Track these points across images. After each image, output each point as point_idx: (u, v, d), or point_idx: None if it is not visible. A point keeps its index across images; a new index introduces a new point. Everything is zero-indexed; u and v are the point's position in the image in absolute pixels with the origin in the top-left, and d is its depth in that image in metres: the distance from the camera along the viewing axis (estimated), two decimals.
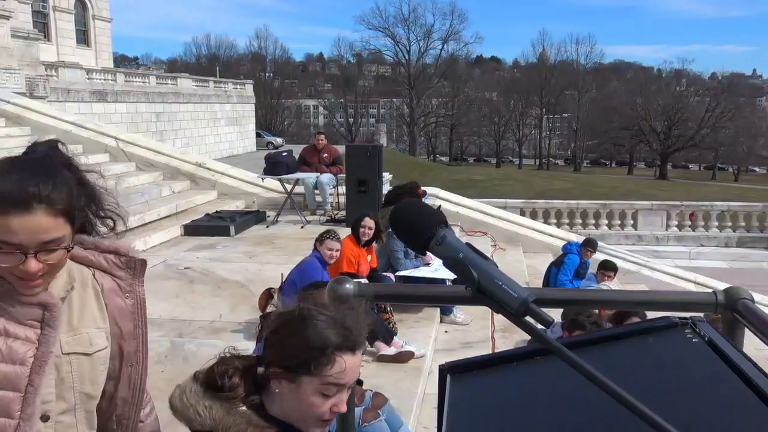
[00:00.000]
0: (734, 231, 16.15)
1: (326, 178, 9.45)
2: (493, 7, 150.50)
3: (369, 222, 5.68)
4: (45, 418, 1.23)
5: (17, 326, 1.20)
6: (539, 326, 0.80)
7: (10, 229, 1.10)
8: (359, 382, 3.55)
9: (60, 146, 1.28)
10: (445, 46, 69.81)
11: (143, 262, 1.40)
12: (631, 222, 16.38)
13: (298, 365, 1.29)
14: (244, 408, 1.33)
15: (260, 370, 1.37)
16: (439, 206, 8.68)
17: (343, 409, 1.33)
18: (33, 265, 1.13)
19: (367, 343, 1.41)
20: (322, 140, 9.84)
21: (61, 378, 1.25)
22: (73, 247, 1.20)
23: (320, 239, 5.01)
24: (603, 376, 0.70)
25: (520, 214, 13.03)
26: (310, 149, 9.89)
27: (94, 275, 1.33)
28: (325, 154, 9.71)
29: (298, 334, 1.31)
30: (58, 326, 1.23)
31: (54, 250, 1.15)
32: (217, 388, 1.34)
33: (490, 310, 0.82)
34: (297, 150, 10.59)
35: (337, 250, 5.04)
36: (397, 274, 5.92)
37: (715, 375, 0.91)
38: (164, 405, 1.41)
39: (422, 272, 5.91)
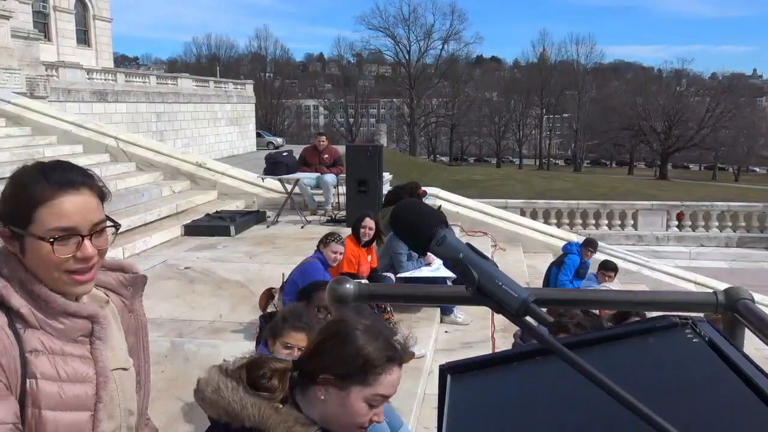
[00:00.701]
0: (734, 231, 16.15)
1: (330, 177, 9.44)
2: (493, 7, 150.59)
3: (369, 222, 5.68)
4: None
5: (70, 344, 1.19)
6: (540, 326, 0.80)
7: (64, 212, 1.13)
8: None
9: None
10: (445, 46, 69.90)
11: (144, 279, 1.39)
12: (632, 222, 16.38)
13: (351, 375, 1.34)
14: (286, 407, 1.36)
15: (294, 374, 1.41)
16: (440, 206, 8.68)
17: (381, 419, 1.39)
18: (89, 247, 1.15)
19: None
20: (323, 141, 9.82)
21: (110, 396, 1.23)
22: (119, 228, 1.22)
23: (325, 241, 5.00)
24: (603, 376, 0.70)
25: (521, 214, 13.03)
26: (311, 150, 9.87)
27: (105, 293, 1.33)
28: (326, 155, 9.70)
29: (354, 346, 1.35)
30: (107, 339, 1.23)
31: (103, 231, 1.18)
32: (257, 386, 1.37)
33: (490, 310, 0.83)
34: (297, 150, 10.59)
35: (341, 254, 5.04)
36: (398, 275, 5.92)
37: (715, 375, 0.91)
38: (165, 405, 1.42)
39: (423, 272, 5.91)
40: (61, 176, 1.16)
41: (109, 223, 1.20)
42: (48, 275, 1.15)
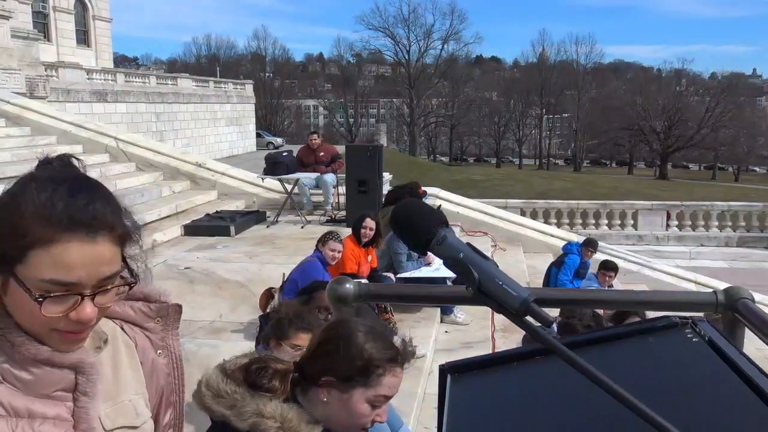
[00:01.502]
0: (734, 231, 16.14)
1: (330, 177, 9.43)
2: (493, 7, 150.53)
3: (370, 222, 5.68)
4: None
5: (42, 402, 0.90)
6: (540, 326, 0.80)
7: (67, 263, 0.84)
8: None
9: (74, 161, 0.96)
10: (445, 46, 69.90)
11: (177, 309, 1.13)
12: (632, 222, 16.37)
13: (354, 377, 1.34)
14: (289, 406, 1.37)
15: (296, 375, 1.41)
16: (439, 206, 8.68)
17: (384, 419, 1.38)
18: (89, 309, 0.87)
19: None
20: (315, 140, 9.79)
21: None
22: (133, 284, 0.96)
23: (323, 240, 5.01)
24: (603, 376, 0.70)
25: (521, 214, 13.03)
26: (305, 150, 9.84)
27: (122, 328, 1.06)
28: (322, 153, 9.67)
29: (355, 348, 1.35)
30: (96, 394, 0.95)
31: (109, 289, 0.90)
32: (258, 387, 1.37)
33: (490, 310, 0.83)
34: (297, 150, 10.59)
35: (339, 251, 5.04)
36: (398, 275, 5.92)
37: (715, 375, 0.91)
38: None
39: (423, 272, 5.91)
40: (74, 207, 0.85)
41: (121, 279, 0.92)
42: (29, 325, 0.88)
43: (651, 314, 1.12)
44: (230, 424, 1.34)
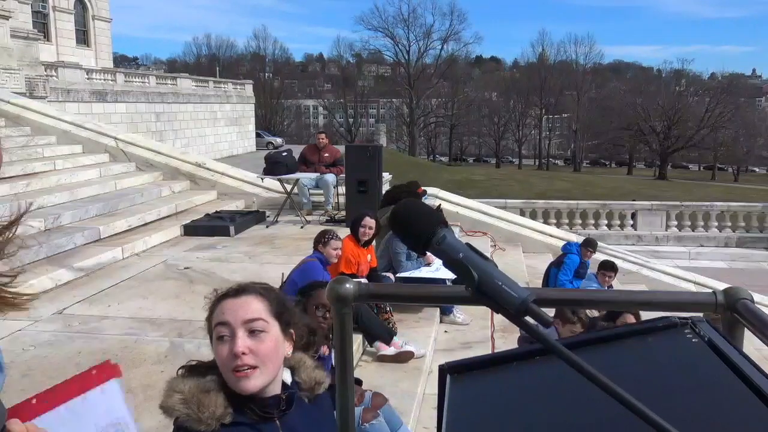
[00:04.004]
0: (734, 231, 16.15)
1: (331, 177, 9.45)
2: (492, 7, 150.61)
3: (369, 222, 5.68)
4: None
5: None
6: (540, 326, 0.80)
7: None
8: (358, 382, 3.55)
9: None
10: (445, 46, 69.96)
11: None
12: (631, 222, 16.38)
13: (209, 325, 1.55)
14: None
15: None
16: (439, 206, 8.68)
17: (239, 349, 1.44)
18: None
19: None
20: (323, 139, 9.84)
21: None
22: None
23: (323, 241, 5.00)
24: (602, 377, 0.70)
25: (520, 215, 13.04)
26: (311, 148, 9.89)
27: None
28: (326, 154, 9.70)
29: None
30: None
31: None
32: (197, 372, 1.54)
33: (489, 310, 0.83)
34: (297, 150, 10.59)
35: (340, 248, 5.07)
36: (398, 275, 5.92)
37: (715, 375, 0.91)
38: None
39: (422, 272, 5.91)
40: None
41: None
42: None
43: (649, 314, 1.12)
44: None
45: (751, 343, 1.14)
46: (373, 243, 5.92)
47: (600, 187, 36.75)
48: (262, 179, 9.94)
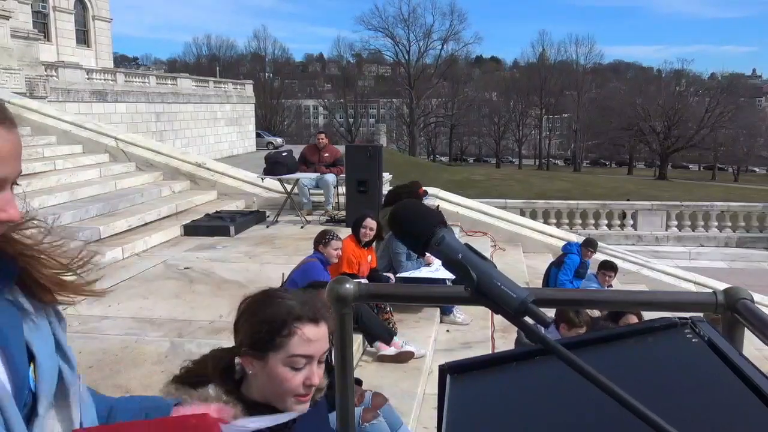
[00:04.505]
0: (734, 231, 16.15)
1: (331, 177, 9.45)
2: (492, 7, 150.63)
3: (370, 222, 5.68)
4: None
5: None
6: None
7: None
8: (358, 382, 3.55)
9: None
10: (445, 47, 69.96)
11: None
12: (631, 222, 16.38)
13: (263, 342, 1.35)
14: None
15: (237, 360, 1.42)
16: (438, 206, 8.69)
17: (316, 381, 1.37)
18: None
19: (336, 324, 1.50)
20: (323, 139, 9.85)
21: None
22: None
23: (324, 241, 5.00)
24: (602, 377, 0.70)
25: (520, 215, 13.03)
26: (312, 148, 9.90)
27: None
28: (326, 154, 9.71)
29: (261, 313, 1.38)
30: None
31: None
32: (193, 385, 1.40)
33: (489, 310, 0.83)
34: (297, 150, 10.59)
35: (340, 248, 5.07)
36: (398, 275, 5.92)
37: (715, 375, 0.91)
38: None
39: (422, 272, 5.92)
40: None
41: None
42: None
43: (649, 314, 1.12)
44: None
45: (751, 343, 1.14)
46: (374, 243, 5.93)
47: (600, 187, 36.77)
48: (262, 179, 9.94)
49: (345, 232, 6.01)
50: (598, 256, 8.03)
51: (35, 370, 0.93)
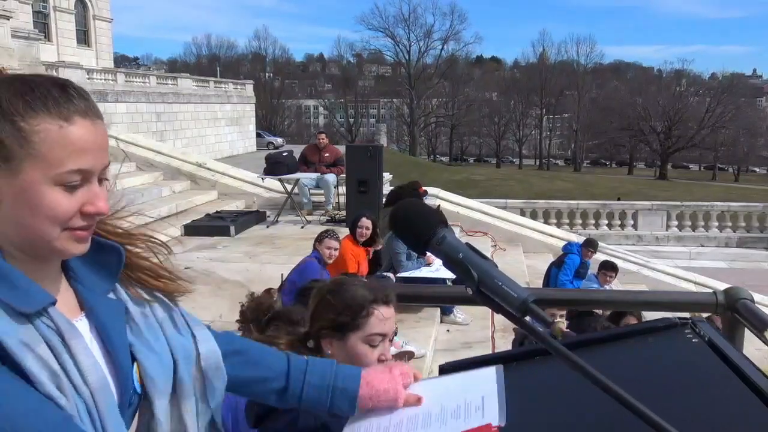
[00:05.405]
0: (734, 231, 16.14)
1: (331, 177, 9.45)
2: (493, 7, 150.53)
3: (366, 222, 5.69)
4: None
5: None
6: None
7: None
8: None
9: None
10: (445, 47, 69.91)
11: None
12: (631, 222, 16.38)
13: (344, 323, 1.50)
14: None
15: (310, 343, 1.55)
16: (438, 206, 8.69)
17: (389, 357, 1.51)
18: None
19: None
20: (323, 139, 9.85)
21: None
22: None
23: (319, 239, 5.03)
24: (603, 377, 0.70)
25: (521, 215, 13.04)
26: (312, 148, 9.90)
27: None
28: (327, 154, 9.70)
29: (339, 299, 1.53)
30: None
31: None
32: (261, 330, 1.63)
33: (490, 310, 0.83)
34: (297, 150, 10.60)
35: (336, 249, 5.06)
36: (398, 275, 5.92)
37: (715, 375, 0.91)
38: None
39: (423, 272, 5.92)
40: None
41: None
42: None
43: (650, 315, 1.12)
44: None
45: (751, 343, 1.15)
46: (372, 244, 5.93)
47: (600, 187, 36.76)
48: (262, 179, 9.94)
49: (345, 232, 6.00)
50: (599, 256, 8.03)
51: (139, 370, 0.93)
